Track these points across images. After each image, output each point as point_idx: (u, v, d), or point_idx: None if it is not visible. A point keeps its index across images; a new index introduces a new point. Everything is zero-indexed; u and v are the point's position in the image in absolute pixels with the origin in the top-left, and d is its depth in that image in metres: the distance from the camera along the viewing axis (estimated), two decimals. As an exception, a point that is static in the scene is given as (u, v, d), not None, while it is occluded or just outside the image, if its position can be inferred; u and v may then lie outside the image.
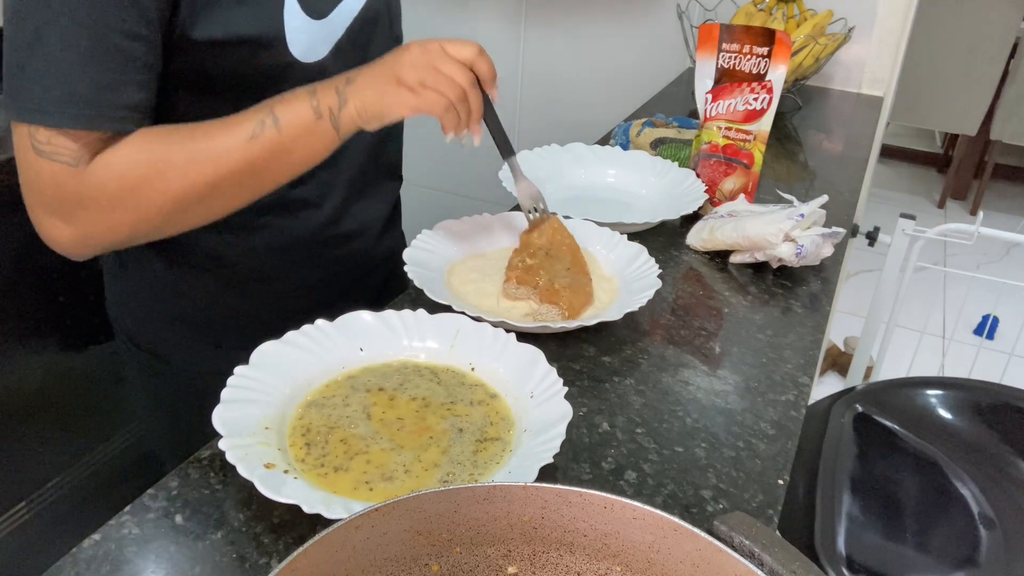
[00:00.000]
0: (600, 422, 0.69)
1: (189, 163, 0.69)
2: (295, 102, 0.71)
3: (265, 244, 0.88)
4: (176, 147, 0.69)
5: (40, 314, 1.30)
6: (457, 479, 0.59)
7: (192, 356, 0.93)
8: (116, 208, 0.69)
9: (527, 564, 0.44)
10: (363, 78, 0.72)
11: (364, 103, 0.71)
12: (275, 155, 0.71)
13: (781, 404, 0.73)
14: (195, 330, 0.92)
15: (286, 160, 0.72)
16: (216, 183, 0.70)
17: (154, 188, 0.69)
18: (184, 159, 0.69)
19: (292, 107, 0.70)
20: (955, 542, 0.99)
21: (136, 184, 0.68)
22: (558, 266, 0.85)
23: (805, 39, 1.53)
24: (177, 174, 0.69)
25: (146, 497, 0.58)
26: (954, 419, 1.19)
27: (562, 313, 0.81)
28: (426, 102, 0.71)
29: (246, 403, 0.62)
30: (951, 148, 3.99)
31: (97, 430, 1.44)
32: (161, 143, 0.69)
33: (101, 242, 0.72)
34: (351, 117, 0.71)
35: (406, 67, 0.71)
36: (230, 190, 0.72)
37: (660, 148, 1.20)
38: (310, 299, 0.93)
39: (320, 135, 0.71)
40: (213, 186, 0.70)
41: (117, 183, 0.68)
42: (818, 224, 0.95)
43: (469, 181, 2.20)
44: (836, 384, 2.46)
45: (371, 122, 0.72)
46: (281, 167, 0.73)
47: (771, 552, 0.39)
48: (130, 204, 0.69)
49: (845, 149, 1.45)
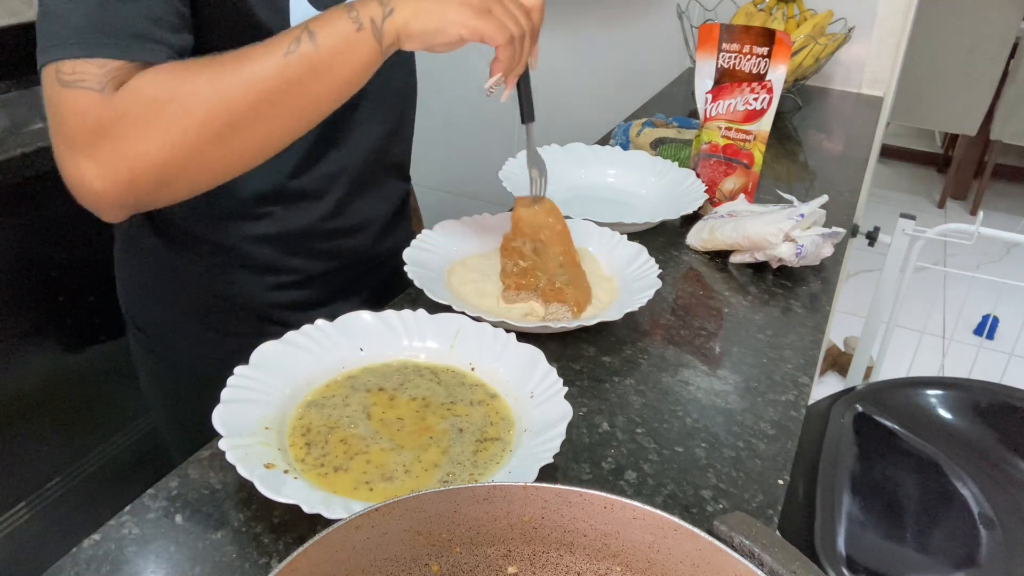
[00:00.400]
0: (600, 422, 0.69)
1: (220, 82, 0.65)
2: (332, 17, 0.67)
3: (264, 233, 0.88)
4: (206, 70, 0.65)
5: (40, 314, 1.30)
6: (457, 479, 0.59)
7: (194, 342, 0.93)
8: (141, 134, 0.64)
9: (527, 564, 0.44)
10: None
11: (417, 12, 0.67)
12: (313, 73, 0.66)
13: (781, 404, 0.73)
14: (196, 316, 0.93)
15: (326, 79, 0.67)
16: (250, 105, 0.66)
17: (181, 111, 0.65)
18: (213, 81, 0.65)
19: (329, 22, 0.67)
20: (955, 542, 0.99)
21: (162, 106, 0.64)
22: (551, 263, 0.85)
23: (805, 39, 1.53)
24: (206, 96, 0.65)
25: (146, 497, 0.58)
26: (954, 419, 1.19)
27: (572, 309, 0.81)
28: (490, 27, 0.67)
29: (246, 403, 0.62)
30: (951, 148, 3.99)
31: (97, 430, 1.44)
32: (189, 70, 0.66)
33: (130, 178, 0.66)
34: (395, 27, 0.67)
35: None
36: (267, 114, 0.67)
37: (660, 148, 1.20)
38: (309, 292, 0.94)
39: (361, 50, 0.67)
40: (248, 108, 0.66)
41: (143, 106, 0.64)
42: (818, 224, 0.95)
43: (470, 181, 2.20)
44: (836, 384, 2.46)
45: (419, 36, 0.67)
46: (320, 88, 0.68)
47: (771, 552, 0.39)
48: (156, 128, 0.65)
49: (845, 149, 1.45)
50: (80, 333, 1.36)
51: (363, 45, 0.67)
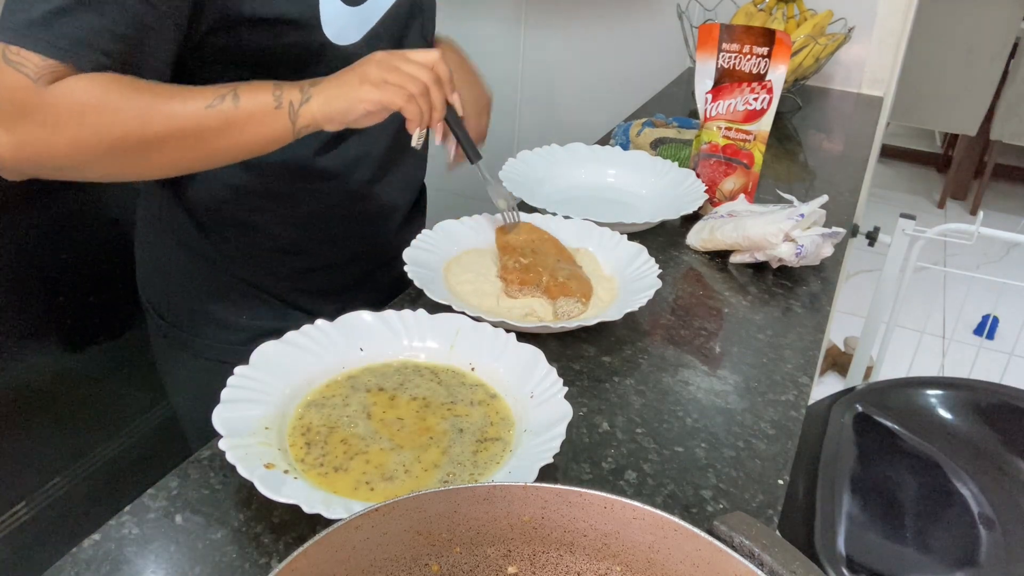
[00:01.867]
0: (600, 422, 0.69)
1: (141, 109, 0.70)
2: (259, 88, 0.73)
3: (289, 213, 0.91)
4: (135, 94, 0.71)
5: (40, 314, 1.30)
6: (457, 479, 0.59)
7: (216, 327, 0.96)
8: (57, 128, 0.70)
9: (527, 564, 0.44)
10: (329, 80, 0.75)
11: (327, 99, 0.74)
12: (225, 129, 0.73)
13: (781, 404, 0.73)
14: (219, 301, 0.95)
15: (235, 137, 0.74)
16: (161, 138, 0.71)
17: (99, 121, 0.70)
18: (138, 105, 0.70)
19: (255, 91, 0.73)
20: (955, 542, 0.99)
21: (83, 112, 0.69)
22: (549, 260, 0.86)
23: (805, 39, 1.53)
24: (126, 115, 0.70)
25: (146, 497, 0.58)
26: (954, 419, 1.19)
27: (580, 300, 0.81)
28: (388, 94, 0.74)
29: (246, 403, 0.62)
30: (951, 148, 3.99)
31: (97, 430, 1.44)
32: (123, 87, 0.71)
33: (35, 159, 0.72)
34: (311, 113, 0.74)
35: (371, 67, 0.74)
36: (172, 149, 0.73)
37: (660, 148, 1.20)
38: (331, 279, 0.98)
39: (274, 123, 0.74)
40: (157, 139, 0.71)
41: (66, 105, 0.69)
42: (818, 224, 0.95)
43: (470, 181, 2.20)
44: (836, 384, 2.46)
45: (334, 118, 0.75)
46: (228, 143, 0.74)
47: (771, 552, 0.39)
48: (71, 129, 0.70)
49: (845, 149, 1.45)
50: (80, 333, 1.36)
51: (277, 122, 0.74)
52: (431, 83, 0.77)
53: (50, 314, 1.31)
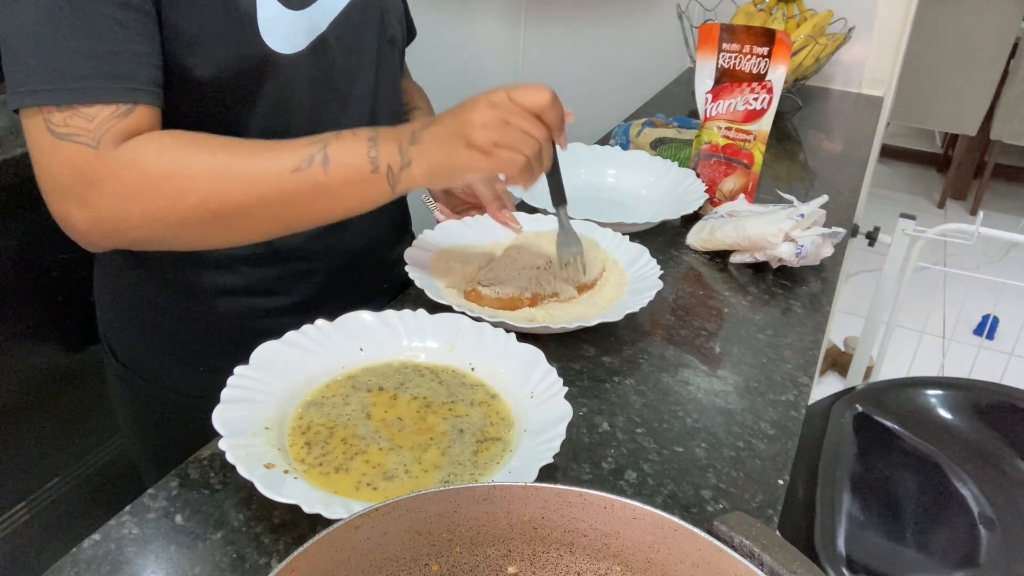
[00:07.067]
0: (600, 422, 0.69)
1: (220, 173, 0.65)
2: (352, 145, 0.67)
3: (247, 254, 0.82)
4: (210, 156, 0.65)
5: (40, 314, 1.30)
6: (457, 479, 0.59)
7: (169, 375, 0.88)
8: (131, 198, 0.64)
9: (527, 564, 0.44)
10: (429, 137, 0.68)
11: (431, 166, 0.67)
12: (316, 195, 0.67)
13: (781, 404, 0.73)
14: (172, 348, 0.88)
15: (327, 203, 0.68)
16: (244, 204, 0.65)
17: (176, 189, 0.64)
18: (216, 168, 0.65)
19: (347, 149, 0.66)
20: (955, 542, 0.99)
21: (156, 182, 0.64)
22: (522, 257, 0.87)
23: (805, 39, 1.53)
24: (204, 181, 0.65)
25: (146, 497, 0.58)
26: (954, 419, 1.19)
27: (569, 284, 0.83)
28: (501, 163, 0.67)
29: (246, 403, 0.62)
30: (951, 148, 3.99)
31: (97, 430, 1.44)
32: (197, 145, 0.66)
33: (115, 231, 0.66)
34: (413, 178, 0.68)
35: (476, 128, 0.66)
36: (258, 216, 0.67)
37: (660, 148, 1.20)
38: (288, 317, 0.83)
39: (373, 188, 0.68)
40: (240, 206, 0.65)
41: (137, 176, 0.64)
42: (818, 224, 0.95)
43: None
44: (836, 384, 2.46)
45: (438, 184, 0.69)
46: (320, 209, 0.68)
47: (771, 552, 0.39)
48: (144, 201, 0.64)
49: (845, 149, 1.45)
50: (80, 333, 1.36)
51: (375, 186, 0.67)
52: (545, 141, 0.69)
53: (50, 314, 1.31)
